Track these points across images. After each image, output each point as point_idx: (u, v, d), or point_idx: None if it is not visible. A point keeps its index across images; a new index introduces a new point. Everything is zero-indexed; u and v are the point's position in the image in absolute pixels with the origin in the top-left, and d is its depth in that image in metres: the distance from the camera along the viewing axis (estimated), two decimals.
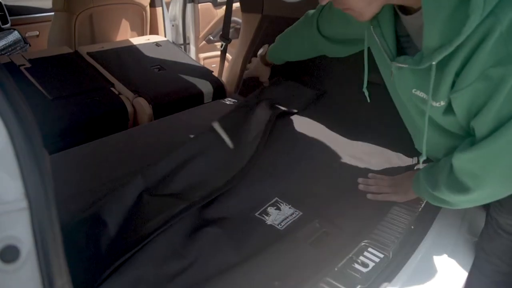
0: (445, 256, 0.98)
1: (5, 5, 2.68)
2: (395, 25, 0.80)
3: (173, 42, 2.64)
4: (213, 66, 2.69)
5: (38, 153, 0.42)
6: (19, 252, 0.40)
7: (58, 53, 2.06)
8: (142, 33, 2.63)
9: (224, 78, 2.21)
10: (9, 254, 0.40)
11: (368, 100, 1.00)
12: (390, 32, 0.80)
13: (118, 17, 2.50)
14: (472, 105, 0.70)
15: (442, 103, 0.74)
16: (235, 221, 1.00)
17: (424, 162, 0.92)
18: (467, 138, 0.78)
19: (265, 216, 1.02)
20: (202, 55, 3.05)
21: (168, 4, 2.90)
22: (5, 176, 0.39)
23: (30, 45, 2.59)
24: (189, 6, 2.85)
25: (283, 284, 0.82)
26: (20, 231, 0.40)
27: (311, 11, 1.22)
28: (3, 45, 2.44)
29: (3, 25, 2.60)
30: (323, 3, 0.74)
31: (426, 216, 1.03)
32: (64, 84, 1.83)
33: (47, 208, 0.42)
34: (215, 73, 2.20)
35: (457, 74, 0.68)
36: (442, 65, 0.68)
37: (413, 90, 0.77)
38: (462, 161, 0.77)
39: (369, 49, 0.93)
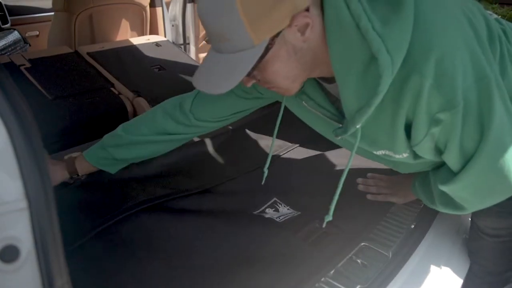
0: (444, 256, 0.98)
1: (5, 5, 2.68)
2: (325, 92, 0.81)
3: (173, 42, 2.64)
4: None
5: (38, 153, 0.42)
6: (19, 252, 0.40)
7: (58, 53, 2.06)
8: (142, 33, 2.63)
9: None
10: (9, 254, 0.40)
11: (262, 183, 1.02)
12: (325, 100, 0.81)
13: (118, 17, 2.49)
14: (436, 146, 0.72)
15: (405, 154, 0.76)
16: (232, 220, 1.00)
17: None
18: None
19: (263, 215, 1.02)
20: (202, 55, 3.05)
21: (168, 4, 2.90)
22: (5, 176, 0.39)
23: (30, 45, 2.59)
24: (189, 6, 2.85)
25: (283, 284, 0.82)
26: (20, 231, 0.40)
27: (162, 111, 1.01)
28: (3, 45, 2.43)
29: (3, 25, 2.60)
30: (248, 85, 0.74)
31: (426, 216, 1.03)
32: (64, 84, 1.83)
33: (47, 208, 0.42)
34: None
35: (406, 129, 0.70)
36: (391, 124, 0.69)
37: (375, 152, 0.79)
38: (449, 190, 0.79)
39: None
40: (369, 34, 0.61)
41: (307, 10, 0.63)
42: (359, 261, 0.87)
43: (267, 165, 1.01)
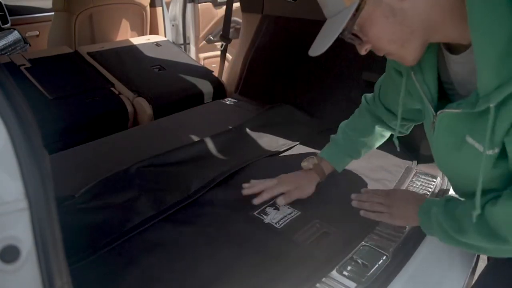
0: (445, 256, 0.98)
1: (5, 5, 2.68)
2: (438, 70, 0.75)
3: (173, 42, 2.64)
4: (213, 66, 2.69)
5: (38, 153, 0.42)
6: (19, 252, 0.40)
7: (58, 53, 2.06)
8: (142, 33, 2.63)
9: (224, 78, 2.21)
10: (9, 254, 0.40)
11: (398, 150, 0.96)
12: (432, 78, 0.75)
13: (118, 17, 2.50)
14: None
15: (496, 150, 0.66)
16: (233, 220, 1.00)
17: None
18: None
19: (263, 216, 1.02)
20: (202, 55, 3.05)
21: (168, 4, 2.90)
22: (5, 176, 0.39)
23: (30, 45, 2.59)
24: (189, 6, 2.85)
25: (283, 284, 0.82)
26: (20, 231, 0.40)
27: (366, 103, 1.08)
28: (3, 45, 2.44)
29: (3, 25, 2.61)
30: (362, 52, 0.72)
31: None
32: (64, 84, 1.83)
33: (47, 208, 0.41)
34: (215, 73, 2.21)
35: None
36: (500, 106, 0.60)
37: (466, 137, 0.69)
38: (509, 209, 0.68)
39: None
40: None
41: None
42: (359, 261, 0.87)
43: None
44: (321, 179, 1.08)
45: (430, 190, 1.12)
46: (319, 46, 0.68)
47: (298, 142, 1.40)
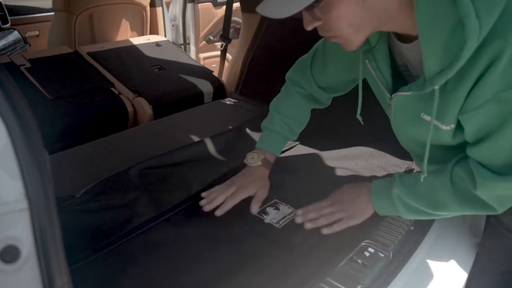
0: (445, 256, 0.98)
1: (5, 5, 2.68)
2: (390, 56, 0.79)
3: (173, 42, 2.64)
4: (213, 66, 2.69)
5: (38, 153, 0.42)
6: (19, 253, 0.40)
7: (58, 53, 2.06)
8: (142, 33, 2.63)
9: (224, 78, 2.21)
10: (9, 254, 0.40)
11: (362, 123, 0.97)
12: (385, 65, 0.79)
13: (118, 17, 2.50)
14: (484, 127, 0.67)
15: (453, 125, 0.71)
16: (232, 219, 1.00)
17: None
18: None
19: (263, 215, 1.02)
20: (202, 55, 3.05)
21: (168, 4, 2.90)
22: (5, 176, 0.39)
23: (30, 45, 2.59)
24: (189, 6, 2.85)
25: (283, 284, 0.82)
26: (20, 232, 0.40)
27: (292, 84, 1.11)
28: (3, 45, 2.44)
29: (3, 25, 2.61)
30: (308, 28, 0.70)
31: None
32: (64, 84, 1.83)
33: (47, 208, 0.41)
34: (215, 73, 2.21)
35: (467, 97, 0.66)
36: (451, 88, 0.66)
37: (422, 115, 0.74)
38: (492, 189, 0.72)
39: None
40: None
41: None
42: (359, 261, 0.87)
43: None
44: (269, 170, 1.09)
45: None
46: (280, 9, 0.65)
47: (298, 142, 1.40)
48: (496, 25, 0.57)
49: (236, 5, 2.20)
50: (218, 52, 2.40)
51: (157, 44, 2.32)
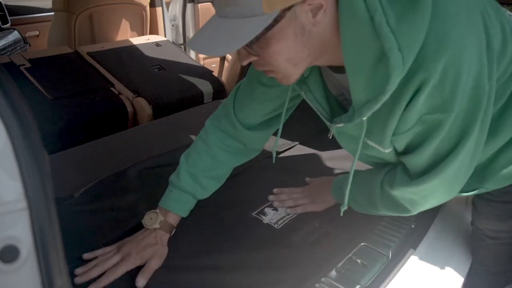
0: (444, 256, 0.98)
1: (5, 5, 2.68)
2: (325, 86, 0.80)
3: (173, 42, 2.64)
4: (213, 66, 2.69)
5: (38, 153, 0.42)
6: (19, 252, 0.40)
7: (58, 53, 2.06)
8: (142, 33, 2.63)
9: (224, 78, 2.21)
10: (9, 254, 0.40)
11: (273, 162, 1.00)
12: (322, 95, 0.80)
13: (118, 17, 2.50)
14: (410, 143, 0.72)
15: (391, 149, 0.76)
16: (231, 220, 1.00)
17: None
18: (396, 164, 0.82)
19: (262, 216, 1.02)
20: (202, 55, 3.05)
21: (168, 4, 2.90)
22: (5, 176, 0.39)
23: (30, 45, 2.59)
24: (189, 6, 2.85)
25: (283, 284, 0.82)
26: (20, 231, 0.40)
27: (211, 125, 1.00)
28: (3, 45, 2.44)
29: (3, 25, 2.61)
30: (244, 63, 0.69)
31: (425, 216, 1.03)
32: (64, 84, 1.83)
33: (47, 208, 0.41)
34: (215, 73, 2.21)
35: (398, 122, 0.69)
36: (385, 115, 0.68)
37: (365, 139, 0.76)
38: (403, 192, 0.79)
39: None
40: (383, 30, 0.59)
41: None
42: (359, 261, 0.87)
43: (274, 149, 0.99)
44: (170, 233, 0.93)
45: None
46: (221, 46, 0.62)
47: (297, 142, 1.40)
48: (418, 58, 0.60)
49: None
50: None
51: (157, 44, 2.32)
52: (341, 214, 0.87)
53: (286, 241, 0.93)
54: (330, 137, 0.84)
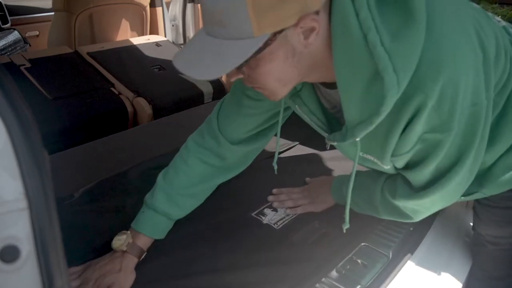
0: (444, 256, 0.98)
1: (5, 5, 2.68)
2: (319, 99, 0.79)
3: (173, 42, 2.64)
4: None
5: (38, 153, 0.42)
6: (19, 252, 0.40)
7: (58, 53, 2.06)
8: (142, 33, 2.63)
9: (224, 78, 2.21)
10: (9, 254, 0.40)
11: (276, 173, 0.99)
12: (317, 107, 0.79)
13: (118, 17, 2.50)
14: (410, 161, 0.73)
15: (390, 166, 0.76)
16: (231, 220, 1.00)
17: None
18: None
19: (261, 216, 1.02)
20: None
21: (168, 4, 2.90)
22: (5, 175, 0.39)
23: (30, 45, 2.59)
24: (189, 6, 2.85)
25: (283, 285, 0.82)
26: (20, 231, 0.40)
27: (193, 142, 0.98)
28: (3, 45, 2.44)
29: (3, 25, 2.61)
30: (232, 79, 0.68)
31: (425, 217, 1.03)
32: (64, 84, 1.83)
33: (47, 208, 0.41)
34: None
35: (397, 143, 0.69)
36: (383, 135, 0.68)
37: (361, 154, 0.76)
38: (406, 203, 0.81)
39: None
40: (377, 50, 0.57)
41: (317, 13, 0.58)
42: (359, 261, 0.87)
43: (275, 160, 0.98)
44: (139, 258, 0.87)
45: None
46: (212, 69, 0.60)
47: (297, 142, 1.40)
48: (413, 79, 0.58)
49: None
50: None
51: (157, 44, 2.32)
52: (346, 218, 0.86)
53: (286, 241, 0.93)
54: (328, 148, 0.85)
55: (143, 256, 0.88)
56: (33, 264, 0.41)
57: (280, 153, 1.36)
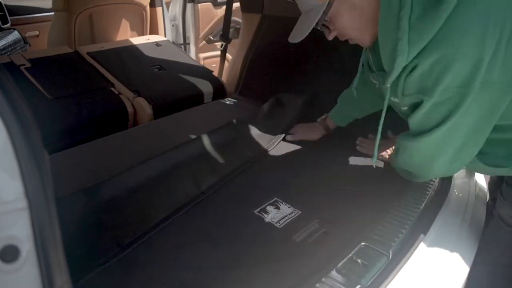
0: (445, 256, 0.98)
1: (5, 5, 2.68)
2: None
3: (173, 42, 2.64)
4: (213, 66, 2.69)
5: (38, 153, 0.42)
6: (19, 252, 0.40)
7: (58, 53, 2.06)
8: (142, 33, 2.63)
9: (224, 78, 2.21)
10: (9, 254, 0.40)
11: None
12: (375, 54, 0.96)
13: (118, 17, 2.50)
14: (410, 106, 0.88)
15: (406, 107, 0.91)
16: (233, 218, 1.01)
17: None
18: None
19: (263, 214, 1.02)
20: (202, 55, 3.05)
21: (168, 4, 2.90)
22: (5, 175, 0.39)
23: (30, 45, 2.59)
24: (189, 6, 2.85)
25: (283, 284, 0.82)
26: (20, 231, 0.40)
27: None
28: (3, 45, 2.44)
29: (3, 25, 2.60)
30: (330, 37, 0.93)
31: (426, 216, 1.03)
32: (64, 84, 1.83)
33: (47, 207, 0.41)
34: (215, 73, 2.20)
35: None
36: (399, 84, 0.85)
37: (392, 98, 0.91)
38: (407, 145, 0.94)
39: None
40: (402, 22, 0.76)
41: None
42: (359, 261, 0.87)
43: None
44: (327, 132, 1.37)
45: (429, 189, 1.12)
46: (298, 35, 0.89)
47: (282, 135, 1.41)
48: (421, 51, 0.76)
49: (236, 5, 2.20)
50: (218, 52, 2.40)
51: (157, 44, 2.32)
52: (375, 153, 1.03)
53: (287, 240, 0.93)
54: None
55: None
56: (33, 264, 0.41)
57: (268, 150, 1.36)
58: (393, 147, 1.17)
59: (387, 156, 1.22)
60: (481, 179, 1.32)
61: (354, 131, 1.36)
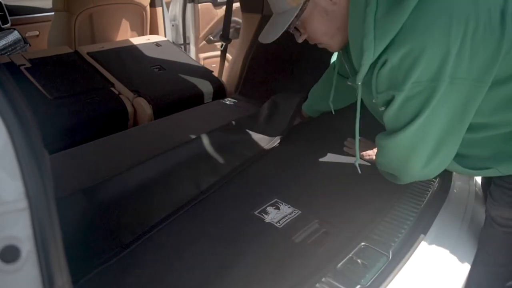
0: (445, 256, 0.98)
1: (5, 5, 2.68)
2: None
3: (173, 42, 2.64)
4: (213, 66, 2.69)
5: (38, 153, 0.42)
6: (19, 252, 0.40)
7: (58, 53, 2.06)
8: (142, 33, 2.63)
9: (224, 78, 2.21)
10: (9, 254, 0.40)
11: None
12: (348, 60, 0.99)
13: (118, 17, 2.50)
14: (385, 101, 0.88)
15: (383, 108, 0.91)
16: (233, 219, 1.01)
17: None
18: None
19: (264, 215, 1.02)
20: (202, 55, 3.05)
21: (168, 4, 2.90)
22: (5, 176, 0.39)
23: (30, 45, 2.59)
24: (189, 6, 2.85)
25: (283, 284, 0.82)
26: (20, 231, 0.40)
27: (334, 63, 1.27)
28: (3, 45, 2.44)
29: (3, 25, 2.61)
30: (300, 40, 0.96)
31: (426, 216, 1.03)
32: (64, 84, 1.83)
33: (47, 208, 0.42)
34: (215, 73, 2.21)
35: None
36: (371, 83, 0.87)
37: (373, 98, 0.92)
38: (385, 143, 0.95)
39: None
40: (367, 19, 0.78)
41: None
42: (359, 261, 0.87)
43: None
44: (302, 120, 1.49)
45: (429, 189, 1.12)
46: (270, 35, 0.93)
47: (298, 141, 1.40)
48: (387, 46, 0.78)
49: (236, 5, 2.20)
50: (218, 52, 2.40)
51: (157, 44, 2.32)
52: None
53: (287, 240, 0.93)
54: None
55: None
56: (34, 264, 0.41)
57: (268, 150, 1.36)
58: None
59: (374, 158, 1.23)
60: (480, 179, 1.32)
61: (354, 131, 1.36)
